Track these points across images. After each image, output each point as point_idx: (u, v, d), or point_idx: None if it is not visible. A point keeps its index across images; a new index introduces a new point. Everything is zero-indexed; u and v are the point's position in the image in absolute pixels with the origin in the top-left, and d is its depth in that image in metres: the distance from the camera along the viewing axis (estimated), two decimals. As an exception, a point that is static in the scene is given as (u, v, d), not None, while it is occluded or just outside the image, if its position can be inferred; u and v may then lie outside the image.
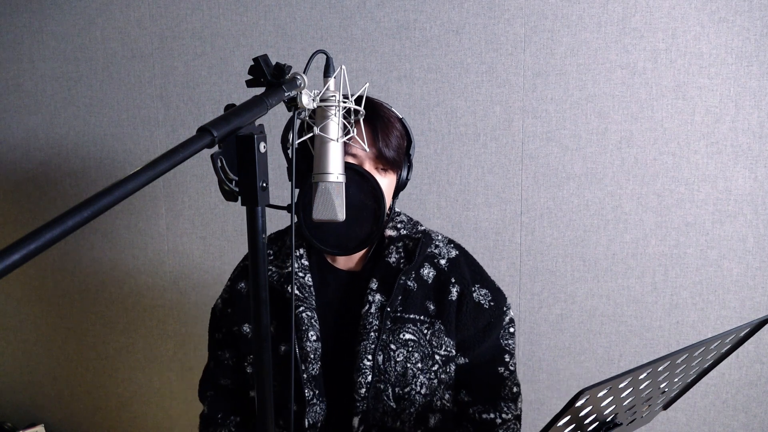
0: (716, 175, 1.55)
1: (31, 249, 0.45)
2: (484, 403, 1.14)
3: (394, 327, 1.08)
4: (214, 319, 1.25)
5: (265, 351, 0.77)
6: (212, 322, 1.26)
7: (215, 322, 1.25)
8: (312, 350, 1.08)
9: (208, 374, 1.26)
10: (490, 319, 1.14)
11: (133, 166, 1.94)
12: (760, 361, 1.61)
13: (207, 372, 1.26)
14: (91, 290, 2.09)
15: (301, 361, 1.08)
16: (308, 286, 1.12)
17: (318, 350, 1.09)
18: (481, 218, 1.69)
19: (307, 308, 1.10)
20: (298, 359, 1.08)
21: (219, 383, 1.24)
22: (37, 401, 2.24)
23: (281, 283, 1.11)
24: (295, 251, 1.14)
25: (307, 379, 1.08)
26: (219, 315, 1.23)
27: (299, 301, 1.10)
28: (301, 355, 1.08)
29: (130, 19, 1.90)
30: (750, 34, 1.48)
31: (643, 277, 1.63)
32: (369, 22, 1.69)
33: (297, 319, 1.09)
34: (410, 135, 1.13)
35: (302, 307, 1.10)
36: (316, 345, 1.09)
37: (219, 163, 0.68)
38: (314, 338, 1.09)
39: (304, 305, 1.10)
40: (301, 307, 1.10)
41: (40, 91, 2.03)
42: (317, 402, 1.09)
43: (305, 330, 1.09)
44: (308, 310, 1.10)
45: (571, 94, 1.59)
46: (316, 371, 1.09)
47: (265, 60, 0.77)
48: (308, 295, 1.11)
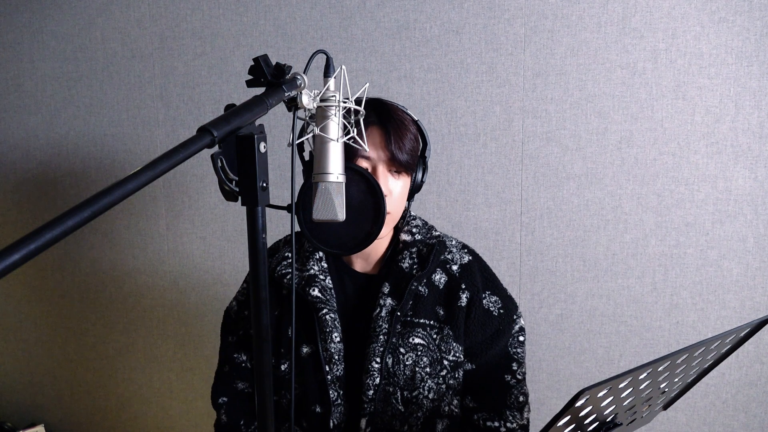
0: (716, 175, 1.55)
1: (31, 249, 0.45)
2: (489, 411, 1.13)
3: (404, 331, 1.09)
4: (228, 322, 1.23)
5: (265, 351, 0.77)
6: (225, 325, 1.24)
7: (229, 324, 1.23)
8: (336, 351, 1.09)
9: (222, 379, 1.21)
10: (499, 327, 1.14)
11: (133, 166, 1.93)
12: (760, 361, 1.61)
13: (221, 377, 1.22)
14: (91, 290, 2.09)
15: (326, 362, 1.09)
16: (329, 288, 1.12)
17: (341, 351, 1.10)
18: (481, 218, 1.69)
19: (329, 310, 1.10)
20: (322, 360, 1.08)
21: (235, 388, 1.20)
22: (37, 401, 2.24)
23: (302, 285, 1.11)
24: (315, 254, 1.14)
25: (332, 380, 1.09)
26: (234, 317, 1.22)
27: (321, 303, 1.10)
28: (326, 357, 1.09)
29: (130, 19, 1.90)
30: (750, 34, 1.48)
31: (643, 277, 1.63)
32: (369, 22, 1.69)
33: (320, 321, 1.09)
34: (426, 137, 1.13)
35: (325, 309, 1.10)
36: (340, 346, 1.10)
37: (219, 163, 0.68)
38: (338, 339, 1.09)
39: (327, 307, 1.10)
40: (324, 309, 1.10)
41: (40, 91, 2.03)
42: (341, 403, 1.09)
43: (329, 332, 1.09)
44: (331, 312, 1.10)
45: (571, 94, 1.59)
46: (340, 372, 1.09)
47: (265, 60, 0.77)
48: (330, 297, 1.11)
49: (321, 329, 1.09)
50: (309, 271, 1.12)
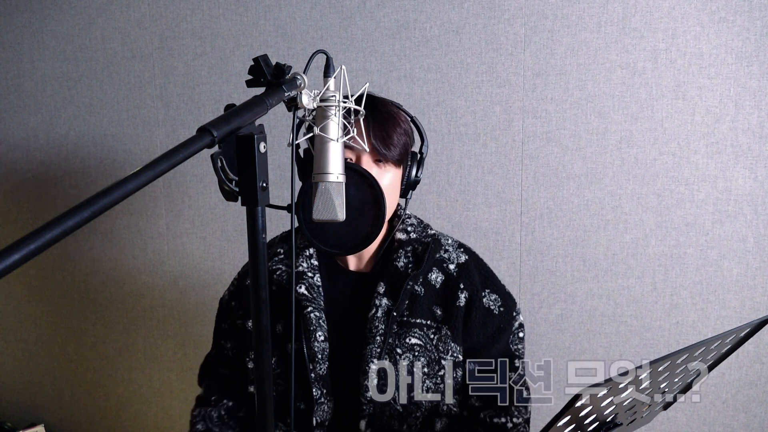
0: (716, 175, 1.55)
1: (31, 249, 0.45)
2: (495, 408, 1.14)
3: (400, 331, 1.09)
4: (221, 309, 1.26)
5: (265, 351, 0.77)
6: (219, 312, 1.27)
7: (221, 312, 1.26)
8: (320, 350, 1.09)
9: (208, 361, 1.29)
10: (500, 325, 1.14)
11: (133, 166, 1.93)
12: (760, 361, 1.61)
13: (208, 359, 1.29)
14: (91, 290, 2.09)
15: (309, 360, 1.09)
16: (317, 286, 1.12)
17: (326, 350, 1.10)
18: (481, 218, 1.69)
19: (315, 308, 1.10)
20: (306, 358, 1.08)
21: (218, 372, 1.25)
22: (37, 401, 2.24)
23: (290, 282, 1.11)
24: (305, 251, 1.15)
25: (315, 378, 1.09)
26: (225, 306, 1.25)
27: (307, 301, 1.10)
28: (309, 355, 1.09)
29: (130, 19, 1.90)
30: (750, 34, 1.48)
31: (643, 277, 1.63)
32: (369, 22, 1.69)
33: (305, 319, 1.09)
34: (422, 134, 1.14)
35: (310, 307, 1.10)
36: (324, 345, 1.09)
37: (219, 163, 0.68)
38: (322, 338, 1.09)
39: (312, 305, 1.10)
40: (309, 307, 1.10)
41: (40, 91, 2.03)
42: (324, 401, 1.09)
43: (313, 330, 1.09)
44: (316, 310, 1.10)
45: (571, 94, 1.59)
46: (323, 371, 1.09)
47: (265, 60, 0.77)
48: (316, 296, 1.11)
49: (305, 327, 1.09)
50: (297, 268, 1.12)
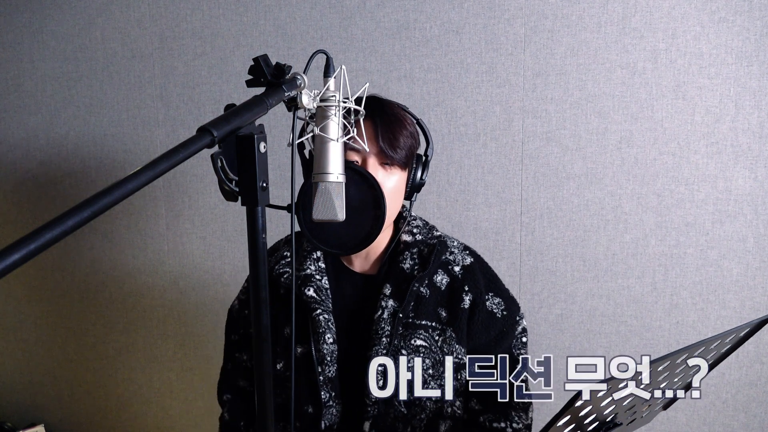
0: (716, 175, 1.55)
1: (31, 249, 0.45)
2: (495, 412, 1.13)
3: (405, 333, 1.09)
4: (231, 321, 1.25)
5: (265, 351, 0.77)
6: (229, 324, 1.25)
7: (232, 323, 1.24)
8: (329, 352, 1.09)
9: (225, 376, 1.26)
10: (503, 328, 1.14)
11: (133, 166, 1.93)
12: (760, 361, 1.60)
13: (224, 374, 1.26)
14: (91, 290, 2.09)
15: (318, 363, 1.08)
16: (325, 289, 1.12)
17: (334, 352, 1.09)
18: (481, 218, 1.69)
19: (324, 311, 1.10)
20: (315, 361, 1.08)
21: (237, 385, 1.23)
22: (37, 401, 2.24)
23: (298, 285, 1.11)
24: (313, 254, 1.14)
25: (324, 381, 1.08)
26: (236, 316, 1.23)
27: (316, 303, 1.10)
28: (318, 357, 1.08)
29: (130, 19, 1.90)
30: (750, 34, 1.48)
31: (643, 277, 1.63)
32: (369, 22, 1.69)
33: (314, 321, 1.09)
34: (428, 137, 1.13)
35: (319, 309, 1.10)
36: (333, 347, 1.09)
37: (219, 163, 0.68)
38: (331, 341, 1.09)
39: (321, 308, 1.10)
40: (318, 309, 1.10)
41: (40, 91, 2.02)
42: (333, 404, 1.09)
43: (322, 332, 1.09)
44: (325, 312, 1.10)
45: (571, 94, 1.59)
46: (332, 373, 1.09)
47: (265, 60, 0.77)
48: (325, 298, 1.11)
49: (314, 330, 1.09)
50: (305, 271, 1.12)
